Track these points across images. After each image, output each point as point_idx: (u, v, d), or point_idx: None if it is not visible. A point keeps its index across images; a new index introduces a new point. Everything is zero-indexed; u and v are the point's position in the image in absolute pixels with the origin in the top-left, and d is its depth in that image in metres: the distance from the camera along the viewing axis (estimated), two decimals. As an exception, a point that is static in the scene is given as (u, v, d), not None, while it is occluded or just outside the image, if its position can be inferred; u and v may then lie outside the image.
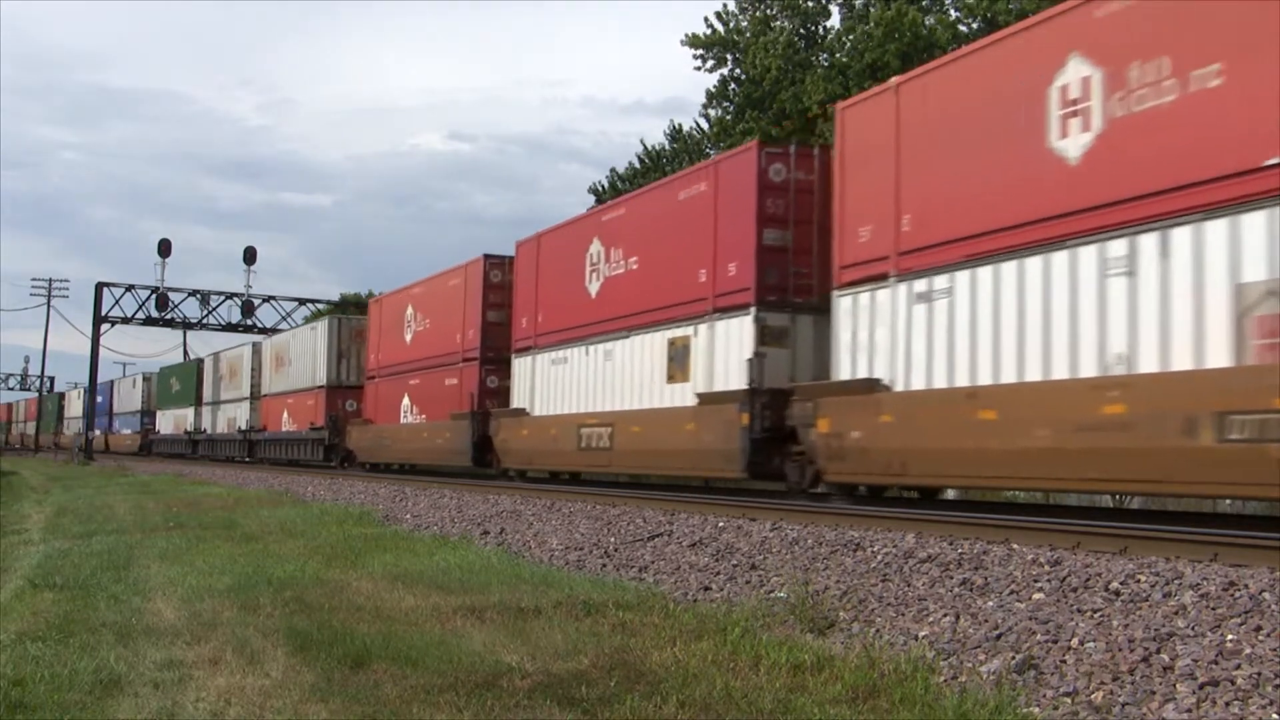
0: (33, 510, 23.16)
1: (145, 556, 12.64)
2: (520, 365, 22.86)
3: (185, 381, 55.25)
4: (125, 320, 56.70)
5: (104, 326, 56.75)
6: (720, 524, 12.10)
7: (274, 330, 53.31)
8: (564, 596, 9.00)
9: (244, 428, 44.49)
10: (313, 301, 59.46)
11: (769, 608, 8.26)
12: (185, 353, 63.44)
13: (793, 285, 15.58)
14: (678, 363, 17.27)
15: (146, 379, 64.26)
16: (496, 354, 24.10)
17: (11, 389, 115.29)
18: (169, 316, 56.74)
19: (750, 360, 15.25)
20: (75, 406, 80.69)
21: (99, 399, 70.66)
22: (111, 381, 73.25)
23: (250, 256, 56.43)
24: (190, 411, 53.88)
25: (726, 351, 16.05)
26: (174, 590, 9.93)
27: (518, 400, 22.79)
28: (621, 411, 18.60)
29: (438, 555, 12.22)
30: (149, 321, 56.82)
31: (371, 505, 20.02)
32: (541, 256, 22.48)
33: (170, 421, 58.13)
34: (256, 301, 56.41)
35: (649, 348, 18.05)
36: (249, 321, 56.23)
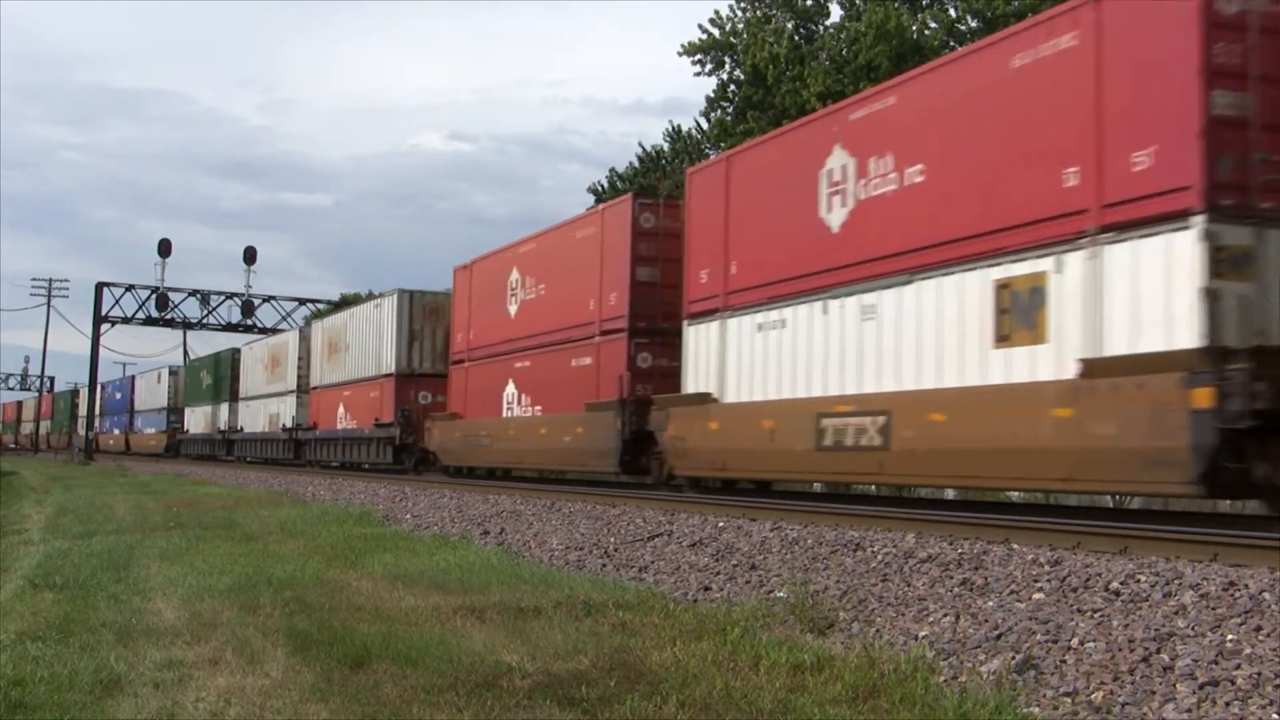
0: (33, 510, 23.16)
1: (145, 556, 12.64)
2: (700, 335, 17.08)
3: (218, 374, 49.30)
4: (125, 320, 56.77)
5: (104, 326, 56.86)
6: (720, 524, 12.10)
7: (274, 330, 53.20)
8: (564, 596, 9.00)
9: (289, 425, 38.56)
10: (313, 301, 59.53)
11: (769, 608, 8.26)
12: (185, 353, 63.45)
13: (1258, 183, 9.97)
14: (1019, 315, 11.65)
15: (173, 373, 58.34)
16: (649, 324, 18.76)
17: (12, 389, 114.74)
18: (169, 316, 56.81)
19: (1209, 301, 9.66)
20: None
21: (118, 396, 67.84)
22: (133, 376, 67.41)
23: (250, 256, 56.51)
24: (224, 408, 47.90)
25: (1132, 292, 10.42)
26: (174, 590, 9.93)
27: (696, 382, 17.07)
28: (906, 393, 12.93)
29: (438, 555, 12.22)
30: (149, 321, 56.89)
31: (371, 505, 20.02)
32: (733, 184, 16.60)
33: (201, 419, 52.03)
34: (256, 301, 56.48)
35: (955, 296, 12.43)
36: (249, 321, 56.30)
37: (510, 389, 23.13)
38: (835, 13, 34.62)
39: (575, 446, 20.05)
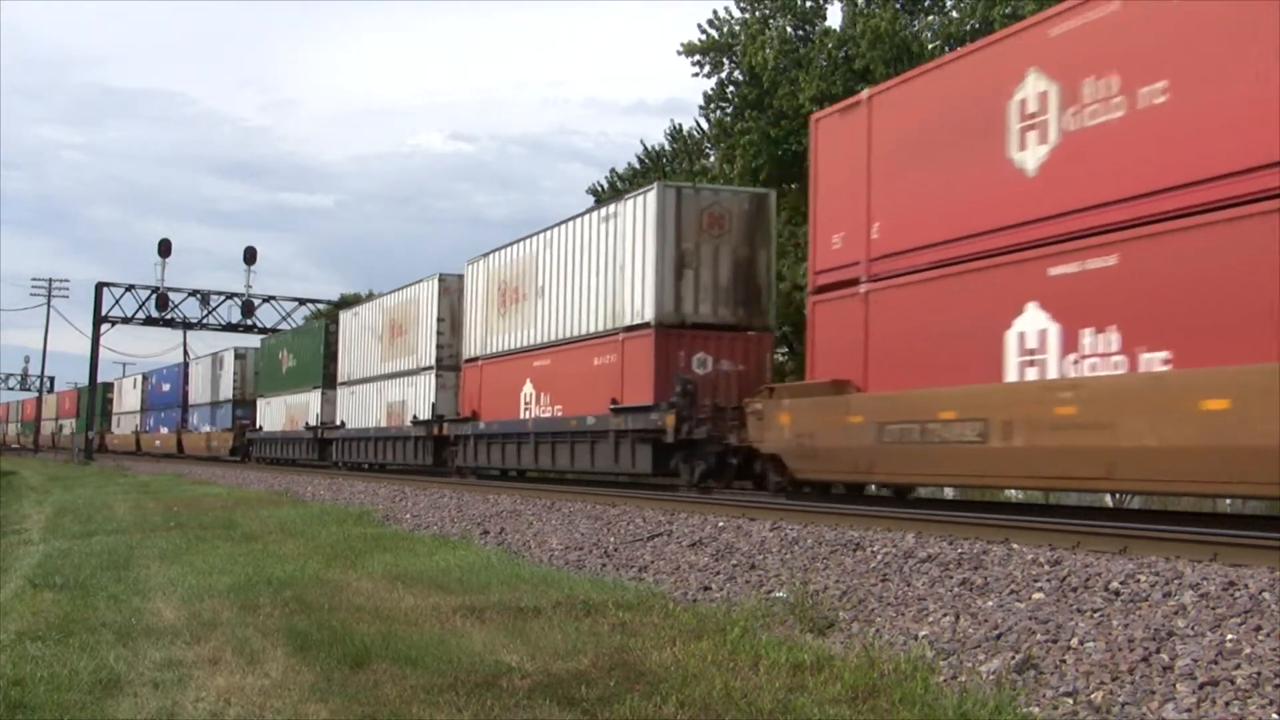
0: (33, 510, 23.16)
1: (145, 556, 12.65)
2: None
3: (305, 353, 38.44)
4: (125, 320, 56.87)
5: (104, 326, 56.92)
6: (720, 524, 12.10)
7: (274, 330, 53.03)
8: (564, 596, 9.00)
9: (424, 417, 27.34)
10: (313, 301, 59.61)
11: (769, 608, 8.26)
12: (185, 352, 63.35)
13: None
14: None
15: (240, 356, 48.24)
16: None
17: (12, 389, 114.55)
18: (169, 316, 56.90)
19: None
20: (130, 399, 66.75)
21: (166, 387, 59.76)
22: (185, 363, 57.49)
23: (250, 256, 56.62)
24: (314, 397, 36.57)
25: None
26: (174, 590, 9.94)
27: None
28: None
29: (438, 555, 12.22)
30: (149, 321, 56.99)
31: (371, 505, 20.02)
32: None
33: (280, 413, 40.87)
34: (256, 301, 56.55)
35: None
36: (249, 321, 56.36)
37: (1031, 322, 11.25)
38: (834, 14, 34.77)
39: None
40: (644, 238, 18.15)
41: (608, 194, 39.44)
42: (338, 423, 34.34)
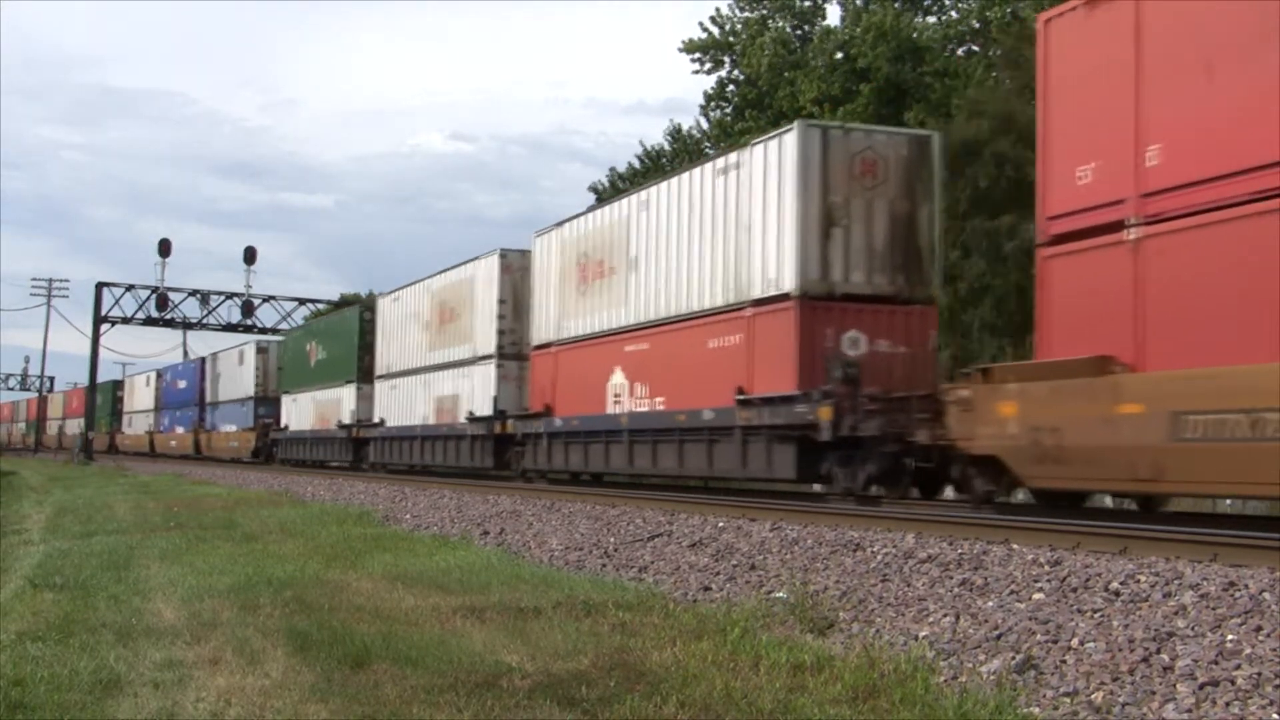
0: (33, 510, 23.17)
1: (145, 557, 12.65)
2: None
3: (337, 345, 34.51)
4: (125, 320, 56.78)
5: (104, 326, 56.86)
6: (720, 524, 12.10)
7: (274, 330, 52.98)
8: (564, 596, 9.01)
9: (482, 413, 23.76)
10: (313, 301, 59.57)
11: (769, 608, 8.27)
12: (185, 352, 63.29)
13: None
14: None
15: (261, 350, 44.57)
16: None
17: (11, 389, 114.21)
18: (169, 316, 56.80)
19: None
20: (143, 397, 63.48)
21: (181, 384, 56.34)
22: (203, 358, 53.63)
23: (250, 256, 56.51)
24: (348, 392, 32.74)
25: None
26: (174, 590, 9.94)
27: None
28: None
29: (438, 555, 12.23)
30: (149, 321, 56.89)
31: (371, 505, 20.01)
32: None
33: (308, 410, 36.93)
34: (256, 301, 56.48)
35: None
36: (249, 321, 56.30)
37: None
38: (834, 15, 34.80)
39: None
40: (780, 189, 14.90)
41: (608, 192, 39.44)
42: (375, 420, 30.62)
